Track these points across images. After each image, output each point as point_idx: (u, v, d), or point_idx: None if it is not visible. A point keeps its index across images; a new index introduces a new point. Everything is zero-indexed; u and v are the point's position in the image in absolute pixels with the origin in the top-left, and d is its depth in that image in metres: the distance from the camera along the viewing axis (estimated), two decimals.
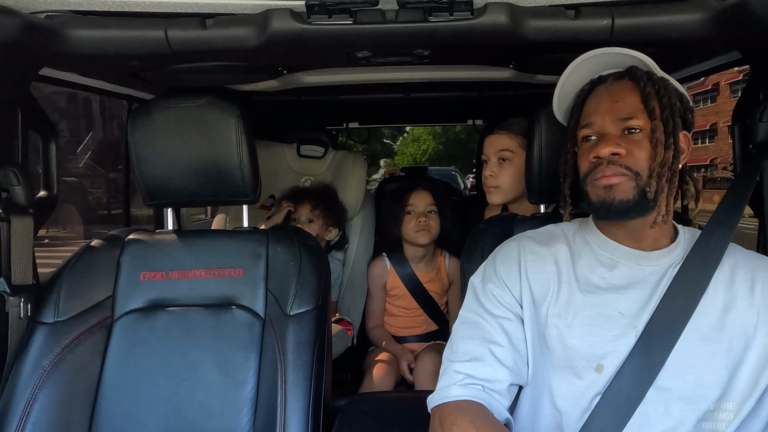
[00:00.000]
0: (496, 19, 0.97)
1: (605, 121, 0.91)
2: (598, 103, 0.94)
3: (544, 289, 0.94)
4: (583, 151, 0.94)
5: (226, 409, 1.12)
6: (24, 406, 1.06)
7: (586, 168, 0.93)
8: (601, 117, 0.92)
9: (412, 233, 1.89)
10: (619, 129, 0.91)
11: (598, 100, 0.95)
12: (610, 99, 0.93)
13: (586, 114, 0.96)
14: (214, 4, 1.00)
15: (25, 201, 1.11)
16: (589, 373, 0.87)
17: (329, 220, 1.97)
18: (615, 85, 0.95)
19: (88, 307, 1.17)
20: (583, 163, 0.94)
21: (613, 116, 0.91)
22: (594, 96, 0.96)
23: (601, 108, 0.93)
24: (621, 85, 0.94)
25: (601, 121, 0.92)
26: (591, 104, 0.96)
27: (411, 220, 1.89)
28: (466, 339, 0.93)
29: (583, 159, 0.94)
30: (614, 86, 0.94)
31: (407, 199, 1.92)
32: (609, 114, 0.91)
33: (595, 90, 0.97)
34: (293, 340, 1.14)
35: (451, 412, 0.85)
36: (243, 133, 1.19)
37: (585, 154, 0.93)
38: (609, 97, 0.93)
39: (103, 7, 1.00)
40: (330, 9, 0.96)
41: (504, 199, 1.61)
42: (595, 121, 0.93)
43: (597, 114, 0.93)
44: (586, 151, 0.93)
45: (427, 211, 1.90)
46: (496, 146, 1.60)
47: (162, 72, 1.33)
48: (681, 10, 1.00)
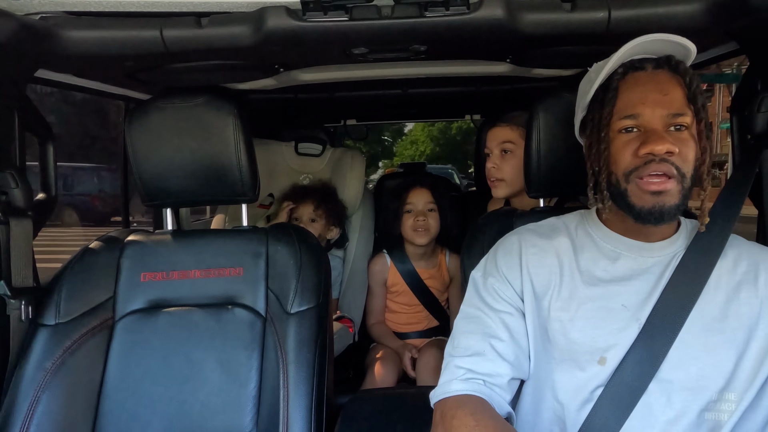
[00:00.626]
0: (492, 13, 0.97)
1: (655, 114, 0.85)
2: (644, 93, 0.86)
3: (545, 282, 0.94)
4: (623, 144, 0.87)
5: (229, 408, 1.12)
6: (27, 409, 1.06)
7: (628, 164, 0.85)
8: (650, 109, 0.85)
9: (411, 233, 1.88)
10: (666, 125, 0.85)
11: (644, 89, 0.87)
12: (658, 90, 0.86)
13: (630, 103, 0.87)
14: (209, 3, 0.99)
15: (23, 203, 1.11)
16: (592, 365, 0.88)
17: (331, 219, 1.96)
18: (659, 75, 0.87)
19: (89, 309, 1.17)
20: (624, 158, 0.86)
21: (664, 110, 0.84)
22: (634, 84, 0.88)
23: (649, 99, 0.85)
24: (665, 76, 0.87)
25: (650, 113, 0.85)
26: (634, 93, 0.87)
27: (409, 219, 1.89)
28: (467, 334, 0.93)
29: (624, 153, 0.86)
30: (659, 76, 0.87)
31: (406, 197, 1.92)
32: (659, 107, 0.85)
33: (633, 76, 0.89)
34: (295, 338, 1.14)
35: (451, 406, 0.85)
36: (240, 132, 1.19)
37: (626, 147, 0.86)
38: (656, 89, 0.86)
39: (98, 7, 1.00)
40: (325, 6, 0.95)
41: (509, 191, 1.60)
42: (643, 113, 0.85)
43: (644, 105, 0.85)
44: (628, 144, 0.86)
45: (427, 209, 1.89)
46: (499, 138, 1.60)
47: (158, 72, 1.33)
48: (677, 1, 1.00)
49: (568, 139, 1.15)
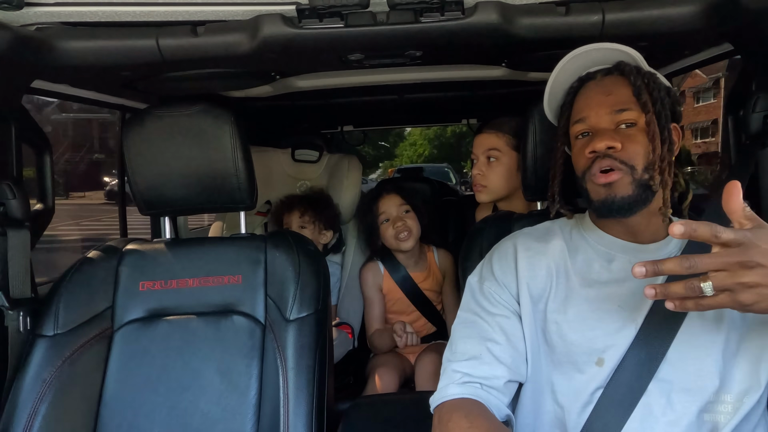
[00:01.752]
0: (487, 17, 0.98)
1: (599, 115, 0.91)
2: (589, 98, 0.94)
3: (541, 285, 0.94)
4: (579, 148, 0.94)
5: (230, 417, 1.11)
6: (26, 420, 1.06)
7: (583, 165, 0.92)
8: (594, 111, 0.92)
9: (394, 241, 1.86)
10: (613, 123, 0.90)
11: (590, 94, 0.94)
12: (602, 92, 0.92)
13: (578, 109, 0.95)
14: (205, 12, 1.00)
15: (21, 214, 1.11)
16: (590, 367, 0.88)
17: (321, 224, 1.96)
18: (605, 80, 0.94)
19: (87, 319, 1.16)
20: (580, 160, 0.93)
21: (607, 109, 0.90)
22: (585, 91, 0.96)
23: (594, 102, 0.92)
24: (611, 80, 0.94)
25: (595, 114, 0.91)
26: (582, 99, 0.95)
27: (388, 228, 1.86)
28: (465, 339, 0.93)
29: (579, 156, 0.93)
30: (605, 81, 0.94)
31: (377, 208, 1.89)
32: (602, 107, 0.91)
33: (585, 86, 0.97)
34: (294, 345, 1.14)
35: (447, 409, 0.86)
36: (238, 140, 1.19)
37: (581, 150, 0.92)
38: (601, 91, 0.93)
39: (94, 18, 1.00)
40: (321, 13, 0.96)
41: (492, 197, 1.62)
42: (589, 115, 0.92)
43: (590, 108, 0.92)
44: (582, 147, 0.92)
45: (403, 212, 1.87)
46: (485, 145, 1.61)
47: (155, 81, 1.33)
48: (671, 3, 1.00)
49: None
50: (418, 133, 22.68)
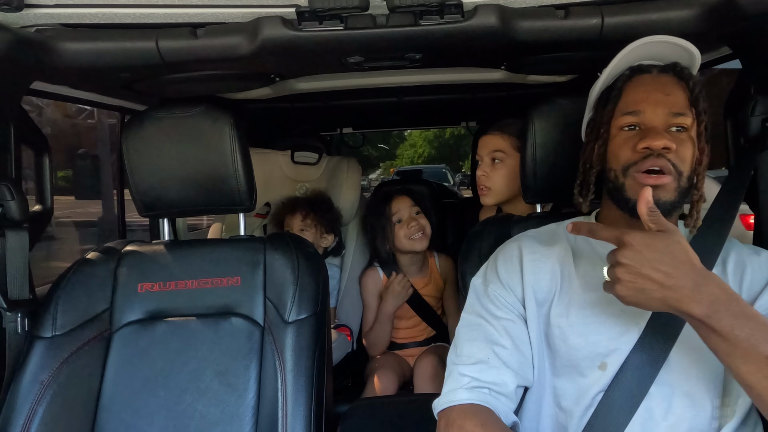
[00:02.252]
0: (486, 20, 0.98)
1: (656, 113, 0.87)
2: (647, 92, 0.89)
3: (545, 289, 0.94)
4: (624, 140, 0.89)
5: (228, 419, 1.11)
6: (24, 422, 1.06)
7: (627, 158, 0.88)
8: (651, 107, 0.87)
9: (407, 242, 1.84)
10: (667, 124, 0.87)
11: (647, 89, 0.89)
12: (661, 91, 0.88)
13: (632, 101, 0.90)
14: (205, 14, 1.00)
15: (19, 216, 1.11)
16: (593, 371, 0.87)
17: (322, 227, 1.95)
18: (662, 77, 0.90)
19: (86, 320, 1.16)
20: (623, 152, 0.88)
21: (665, 109, 0.87)
22: (638, 84, 0.91)
23: (652, 98, 0.88)
24: (668, 79, 0.90)
25: (651, 111, 0.87)
26: (637, 92, 0.90)
27: (402, 228, 1.85)
28: (470, 342, 0.93)
29: (624, 148, 0.88)
30: (662, 79, 0.90)
31: (390, 210, 1.87)
32: (660, 106, 0.87)
33: (638, 78, 0.92)
34: (293, 347, 1.13)
35: (457, 415, 0.85)
36: (237, 142, 1.19)
37: (626, 143, 0.88)
38: (659, 89, 0.89)
39: (94, 19, 1.00)
40: (321, 15, 0.96)
41: (497, 200, 1.61)
42: (644, 109, 0.88)
43: (646, 103, 0.88)
44: (628, 140, 0.88)
45: (415, 213, 1.87)
46: (489, 146, 1.60)
47: (154, 83, 1.33)
48: (670, 7, 1.00)
49: (564, 144, 1.16)
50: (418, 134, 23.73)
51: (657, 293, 0.73)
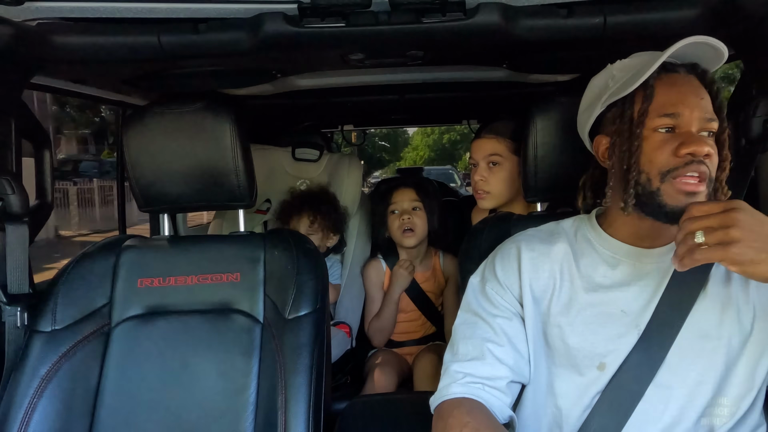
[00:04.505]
0: (488, 19, 0.98)
1: (693, 117, 0.85)
2: (683, 94, 0.86)
3: (544, 287, 0.94)
4: (660, 143, 0.85)
5: (227, 415, 1.11)
6: (23, 416, 1.06)
7: (665, 163, 0.84)
8: (689, 111, 0.85)
9: (398, 234, 1.85)
10: (700, 128, 0.85)
11: (681, 90, 0.86)
12: (695, 94, 0.86)
13: (669, 102, 0.86)
14: (207, 9, 1.00)
15: (19, 209, 1.11)
16: (592, 371, 0.88)
17: (329, 230, 1.94)
18: (692, 79, 0.88)
19: (85, 315, 1.16)
20: (660, 157, 0.85)
21: (701, 113, 0.85)
22: (672, 84, 0.87)
23: (689, 100, 0.85)
24: (696, 82, 0.88)
25: (689, 115, 0.85)
26: (672, 93, 0.86)
27: (395, 220, 1.85)
28: (466, 340, 0.93)
29: (661, 152, 0.85)
30: (692, 81, 0.88)
31: (390, 198, 1.88)
32: (697, 110, 0.85)
33: (669, 77, 0.88)
34: (292, 344, 1.13)
35: (448, 406, 0.86)
36: (237, 138, 1.19)
37: (664, 146, 0.85)
38: (693, 92, 0.86)
39: (95, 13, 1.00)
40: (322, 12, 0.96)
41: (496, 204, 1.59)
42: (682, 112, 0.85)
43: (684, 105, 0.85)
44: (665, 143, 0.85)
45: (412, 208, 1.85)
46: (485, 150, 1.58)
47: (155, 78, 1.33)
48: (672, 6, 1.00)
49: (565, 143, 1.15)
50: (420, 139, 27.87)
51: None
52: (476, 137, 1.65)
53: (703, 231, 0.72)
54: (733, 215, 0.71)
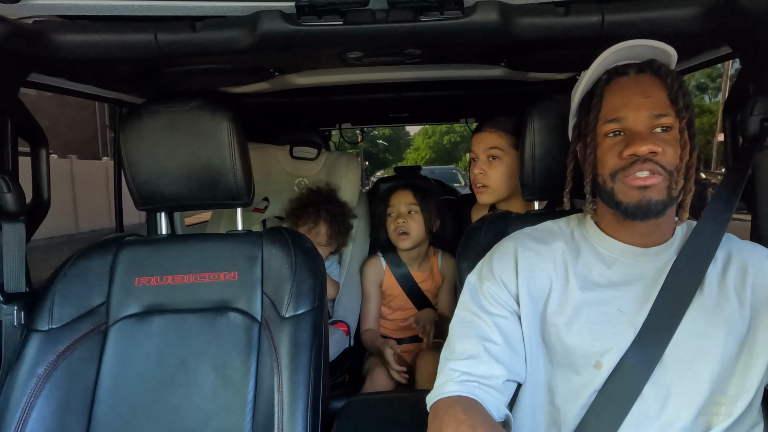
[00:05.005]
0: (486, 17, 0.97)
1: (638, 118, 0.87)
2: (626, 97, 0.89)
3: (541, 286, 0.94)
4: (609, 147, 0.89)
5: (224, 413, 1.11)
6: (20, 415, 1.05)
7: (614, 165, 0.88)
8: (633, 112, 0.88)
9: (394, 237, 1.86)
10: (650, 126, 0.87)
11: (626, 93, 0.90)
12: (640, 93, 0.88)
13: (613, 108, 0.90)
14: (204, 7, 0.99)
15: (16, 208, 1.10)
16: (588, 369, 0.88)
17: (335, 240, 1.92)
18: (641, 78, 0.90)
19: (82, 314, 1.16)
20: (610, 160, 0.89)
21: (646, 112, 0.87)
22: (618, 88, 0.91)
23: (632, 103, 0.88)
24: (647, 79, 0.90)
25: (633, 116, 0.88)
26: (617, 97, 0.90)
27: (391, 223, 1.86)
28: (462, 338, 0.93)
29: (610, 155, 0.89)
30: (641, 80, 0.90)
31: (388, 200, 1.89)
32: (641, 110, 0.87)
33: (617, 82, 0.92)
34: (290, 343, 1.13)
35: (444, 404, 0.86)
36: (235, 136, 1.19)
37: (612, 149, 0.89)
38: (638, 92, 0.89)
39: (92, 11, 1.00)
40: (320, 10, 0.95)
41: (494, 198, 1.60)
42: (626, 115, 0.88)
43: (627, 108, 0.88)
44: (614, 146, 0.89)
45: (408, 212, 1.85)
46: (486, 144, 1.58)
47: (152, 76, 1.32)
48: (670, 5, 1.00)
49: (563, 142, 1.16)
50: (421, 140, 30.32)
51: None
52: (478, 131, 1.65)
53: None
54: None
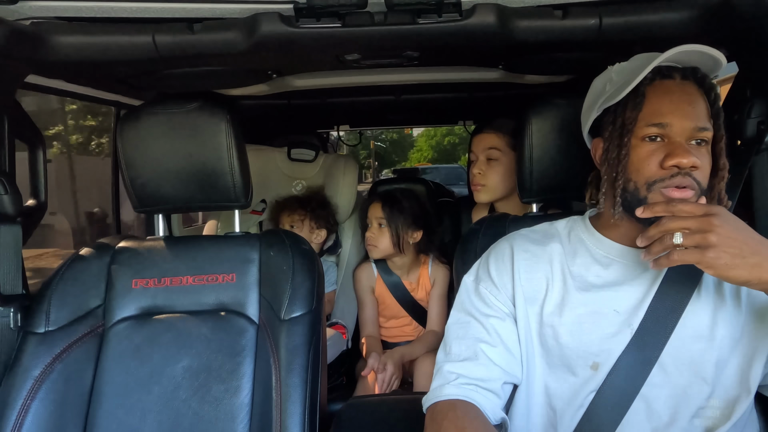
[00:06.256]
0: (484, 20, 0.98)
1: (684, 127, 0.84)
2: (674, 103, 0.85)
3: (537, 287, 0.94)
4: (648, 153, 0.85)
5: (222, 416, 1.11)
6: (15, 418, 1.05)
7: (652, 174, 0.84)
8: (679, 119, 0.84)
9: (367, 247, 1.87)
10: (690, 137, 0.84)
11: (673, 98, 0.85)
12: (687, 102, 0.85)
13: (659, 111, 0.85)
14: (202, 9, 0.99)
15: (12, 210, 1.10)
16: (585, 370, 0.88)
17: (313, 222, 1.95)
18: (686, 85, 0.87)
19: (79, 316, 1.16)
20: (648, 168, 0.84)
21: (691, 123, 0.84)
22: (663, 91, 0.86)
23: (679, 110, 0.84)
24: (692, 88, 0.86)
25: (679, 124, 0.84)
26: (662, 101, 0.85)
27: (367, 232, 1.86)
28: (459, 340, 0.93)
29: (648, 162, 0.84)
30: (686, 87, 0.86)
31: (366, 213, 1.89)
32: (688, 119, 0.84)
33: (663, 84, 0.87)
34: (287, 345, 1.13)
35: (442, 408, 0.85)
36: (233, 138, 1.19)
37: (652, 157, 0.84)
38: (686, 99, 0.85)
39: (90, 13, 0.99)
40: (318, 12, 0.95)
41: (491, 197, 1.63)
42: (672, 123, 0.84)
43: (673, 115, 0.84)
44: (653, 154, 0.84)
45: (378, 225, 1.84)
46: (485, 144, 1.63)
47: (150, 78, 1.32)
48: (668, 8, 1.01)
49: (561, 144, 1.16)
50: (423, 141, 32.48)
51: (753, 259, 0.74)
52: (477, 132, 1.69)
53: (681, 233, 0.76)
54: (711, 220, 0.74)
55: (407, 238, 1.83)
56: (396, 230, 1.82)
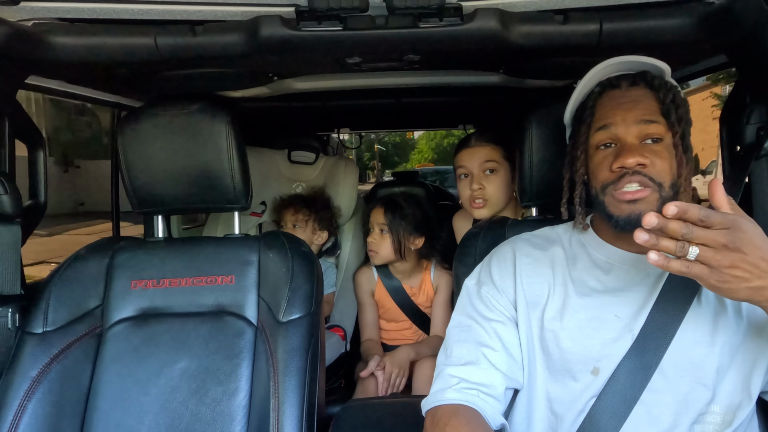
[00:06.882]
0: (485, 24, 0.98)
1: (626, 124, 0.87)
2: (614, 105, 0.90)
3: (539, 292, 0.94)
4: (601, 160, 0.90)
5: (219, 418, 1.10)
6: (12, 418, 1.05)
7: (605, 178, 0.88)
8: (621, 118, 0.88)
9: (369, 252, 1.87)
10: (639, 136, 0.87)
11: (615, 103, 0.90)
12: (629, 102, 0.89)
13: (602, 116, 0.91)
14: (204, 11, 0.99)
15: (12, 210, 1.10)
16: (586, 375, 0.88)
17: (315, 224, 1.94)
18: (632, 90, 0.91)
19: (77, 317, 1.16)
20: (601, 173, 0.89)
21: (634, 119, 0.87)
22: (608, 99, 0.92)
23: (620, 110, 0.89)
24: (638, 91, 0.90)
25: (621, 122, 0.88)
26: (606, 107, 0.91)
27: (368, 237, 1.86)
28: (460, 343, 0.93)
29: (601, 168, 0.89)
30: (631, 92, 0.91)
31: (368, 217, 1.89)
32: (629, 116, 0.88)
33: (608, 93, 0.93)
34: (286, 347, 1.13)
35: (444, 413, 0.85)
36: (233, 140, 1.19)
37: (603, 162, 0.89)
38: (627, 101, 0.90)
39: (91, 14, 1.00)
40: (320, 15, 0.96)
41: (493, 212, 1.58)
42: (614, 122, 0.88)
43: (615, 115, 0.89)
44: (605, 159, 0.89)
45: (380, 230, 1.83)
46: (481, 158, 1.58)
47: (151, 79, 1.33)
48: (668, 14, 1.01)
49: (560, 149, 1.16)
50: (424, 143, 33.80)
51: (757, 282, 0.68)
52: (466, 146, 1.63)
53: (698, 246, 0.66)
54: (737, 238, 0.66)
55: (409, 244, 1.82)
56: (398, 237, 1.81)
